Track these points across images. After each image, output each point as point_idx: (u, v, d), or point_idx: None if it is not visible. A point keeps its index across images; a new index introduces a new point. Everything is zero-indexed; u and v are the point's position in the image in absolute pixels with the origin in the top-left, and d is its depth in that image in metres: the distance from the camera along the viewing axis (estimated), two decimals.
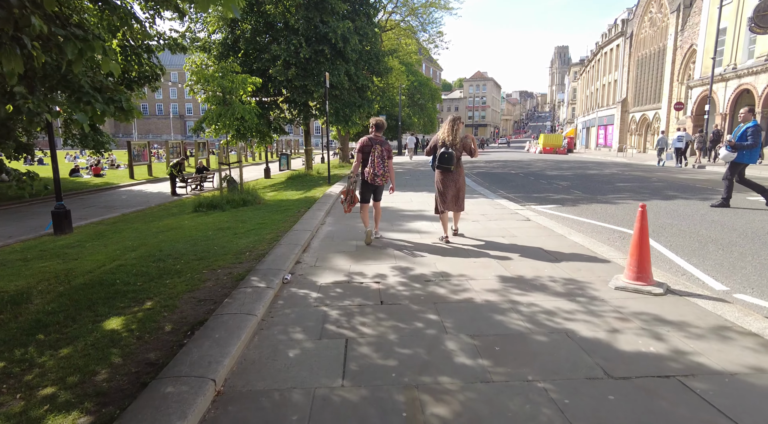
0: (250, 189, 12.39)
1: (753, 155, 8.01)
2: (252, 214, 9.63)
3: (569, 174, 16.49)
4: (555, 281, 4.29)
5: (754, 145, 7.81)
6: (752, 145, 7.80)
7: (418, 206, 9.20)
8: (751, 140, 7.79)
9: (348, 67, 16.20)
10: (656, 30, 35.01)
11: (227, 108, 11.19)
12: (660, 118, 33.59)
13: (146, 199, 16.96)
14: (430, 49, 27.28)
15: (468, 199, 9.91)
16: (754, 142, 7.78)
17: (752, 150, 7.90)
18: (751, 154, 7.98)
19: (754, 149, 7.90)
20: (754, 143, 7.78)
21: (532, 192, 11.73)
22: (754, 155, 8.02)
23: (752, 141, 7.79)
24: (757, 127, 7.86)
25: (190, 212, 11.03)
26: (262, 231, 7.37)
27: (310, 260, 5.23)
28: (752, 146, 7.82)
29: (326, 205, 9.14)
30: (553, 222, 7.25)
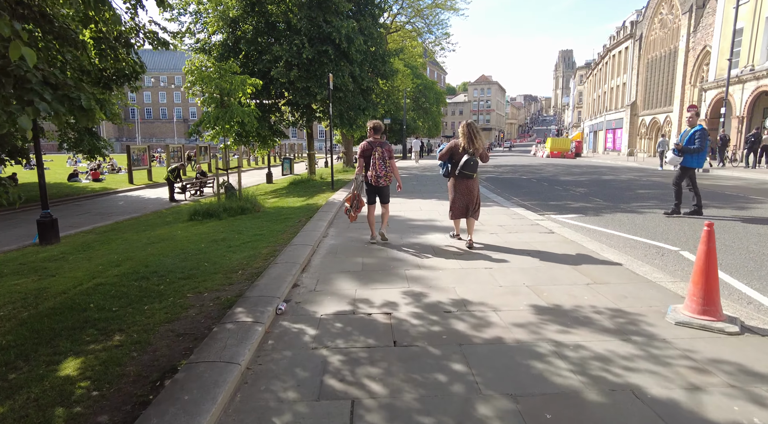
0: (249, 196, 11.78)
1: (700, 160, 7.97)
2: (250, 223, 9.00)
3: (584, 180, 15.76)
4: (600, 313, 3.60)
5: (701, 149, 7.75)
6: (699, 149, 7.73)
7: (428, 215, 8.52)
8: (698, 144, 7.70)
9: (352, 69, 15.59)
10: (667, 32, 34.27)
11: (225, 111, 10.58)
12: (671, 121, 32.79)
13: (143, 205, 16.37)
14: (436, 52, 26.69)
15: (483, 208, 9.23)
16: (701, 146, 7.72)
17: (699, 154, 7.86)
18: (698, 159, 7.92)
19: (700, 154, 7.86)
20: (701, 147, 7.72)
21: (549, 199, 11.02)
22: (701, 160, 7.99)
23: (699, 145, 7.71)
24: (704, 131, 7.81)
25: (185, 221, 10.44)
26: (258, 244, 6.73)
27: (309, 282, 4.56)
28: (698, 150, 7.75)
29: (329, 214, 8.48)
30: (579, 235, 6.55)
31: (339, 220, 8.31)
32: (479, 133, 5.73)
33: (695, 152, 7.78)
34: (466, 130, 5.68)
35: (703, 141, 7.73)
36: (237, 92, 10.77)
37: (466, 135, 5.66)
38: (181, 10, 16.58)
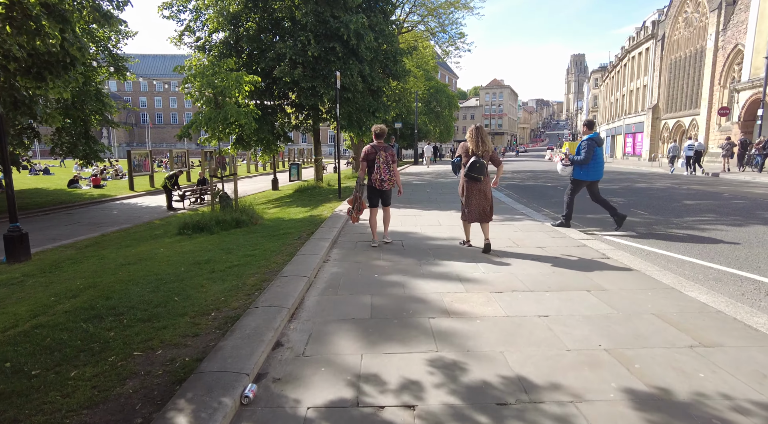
0: (247, 206, 10.62)
1: (590, 172, 7.30)
2: (243, 240, 7.84)
3: (616, 188, 14.34)
4: (739, 409, 2.30)
5: (585, 161, 7.13)
6: (583, 160, 7.13)
7: (449, 232, 7.24)
8: (584, 155, 7.11)
9: (362, 68, 14.41)
10: (692, 31, 32.64)
11: (218, 112, 9.43)
12: (698, 124, 31.11)
13: (138, 214, 15.34)
14: (450, 52, 25.43)
15: (512, 222, 7.96)
16: (586, 157, 7.09)
17: (588, 166, 7.23)
18: (587, 171, 7.29)
19: (591, 166, 7.22)
20: (585, 159, 7.10)
21: (585, 211, 9.67)
22: (591, 172, 7.31)
23: (584, 156, 7.10)
24: (591, 141, 7.12)
25: (173, 235, 9.31)
26: (245, 270, 5.54)
27: (298, 338, 3.31)
28: (583, 162, 7.15)
29: (333, 230, 7.24)
30: (642, 262, 5.23)
31: (344, 237, 7.07)
32: (486, 137, 5.83)
33: (580, 164, 7.21)
34: (474, 134, 5.82)
35: (589, 152, 7.09)
36: (232, 90, 9.61)
37: (474, 138, 5.78)
38: (181, 7, 15.58)
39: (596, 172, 7.34)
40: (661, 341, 3.13)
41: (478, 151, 5.74)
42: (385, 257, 5.71)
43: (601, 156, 7.34)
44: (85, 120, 17.46)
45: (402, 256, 5.74)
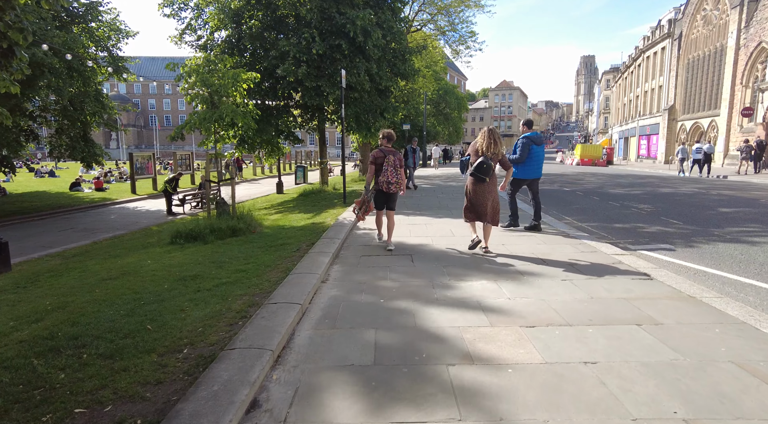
0: (245, 213, 9.97)
1: (527, 170, 7.32)
2: (237, 250, 7.20)
3: (639, 193, 13.47)
4: None
5: (521, 159, 7.17)
6: (518, 159, 7.17)
7: (463, 244, 6.49)
8: (519, 153, 7.18)
9: (369, 66, 13.72)
10: (712, 29, 31.56)
11: (213, 112, 8.80)
12: (717, 125, 30.00)
13: (136, 219, 14.77)
14: (460, 51, 24.67)
15: (540, 235, 7.16)
16: (521, 155, 7.15)
17: (525, 165, 7.26)
18: (524, 169, 7.31)
19: (528, 164, 7.25)
20: (521, 157, 7.15)
21: (611, 220, 8.89)
22: (528, 170, 7.33)
23: (519, 154, 7.17)
24: (527, 140, 7.18)
25: (165, 245, 8.70)
26: (234, 290, 4.88)
27: (279, 397, 2.59)
28: (518, 160, 7.18)
29: (335, 242, 6.53)
30: (693, 285, 4.45)
31: (347, 250, 6.36)
32: (499, 139, 5.81)
33: (516, 162, 7.17)
34: (487, 135, 5.81)
35: (524, 150, 7.11)
36: (228, 88, 8.97)
37: (486, 139, 5.77)
38: (182, 4, 15.03)
39: (534, 171, 7.29)
40: (758, 407, 2.37)
41: (488, 153, 5.73)
42: (393, 276, 4.99)
43: (538, 155, 7.27)
44: (84, 122, 16.96)
45: (411, 274, 5.02)
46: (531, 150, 7.20)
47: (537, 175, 7.43)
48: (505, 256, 5.77)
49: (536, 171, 7.37)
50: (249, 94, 14.42)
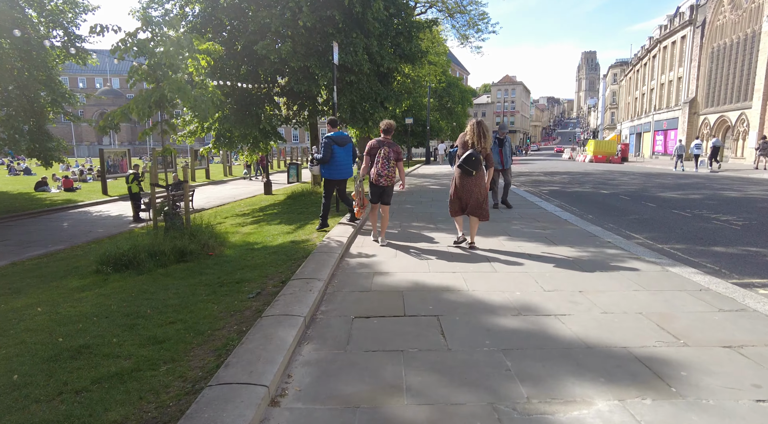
0: (204, 226, 7.60)
1: (331, 171, 7.12)
2: (175, 290, 4.96)
3: (701, 198, 11.05)
4: None
5: (323, 160, 6.96)
6: (321, 159, 6.98)
7: (517, 287, 4.09)
8: (323, 152, 6.95)
9: (368, 43, 11.28)
10: (740, 14, 29.03)
11: (153, 90, 6.39)
12: (747, 119, 27.53)
13: (91, 227, 12.37)
14: (469, 36, 22.16)
15: (618, 269, 4.63)
16: (324, 156, 6.93)
17: (330, 165, 7.04)
18: (329, 170, 7.11)
19: (332, 165, 7.04)
20: (323, 157, 6.93)
21: (701, 240, 6.50)
22: (333, 171, 7.13)
23: (322, 154, 6.96)
24: (328, 140, 6.92)
25: (88, 273, 6.40)
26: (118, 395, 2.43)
27: None
28: (321, 161, 7.00)
29: (315, 287, 4.10)
30: None
31: (332, 301, 3.94)
32: (487, 133, 5.69)
33: (320, 162, 7.07)
34: (476, 129, 5.65)
35: (326, 150, 6.95)
36: (175, 58, 6.54)
37: (475, 133, 5.62)
38: None
39: (337, 172, 7.12)
40: None
41: (477, 146, 5.61)
42: (412, 379, 2.59)
43: (341, 157, 7.06)
44: (37, 112, 14.51)
45: (448, 374, 2.63)
46: (333, 150, 6.97)
47: (339, 177, 7.22)
48: (607, 329, 3.37)
49: (339, 172, 7.17)
50: (224, 77, 11.98)
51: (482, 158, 5.61)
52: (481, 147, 5.59)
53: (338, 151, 7.03)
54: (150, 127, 7.26)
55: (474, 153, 5.54)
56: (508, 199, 9.36)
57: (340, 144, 7.04)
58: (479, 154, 5.56)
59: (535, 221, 7.81)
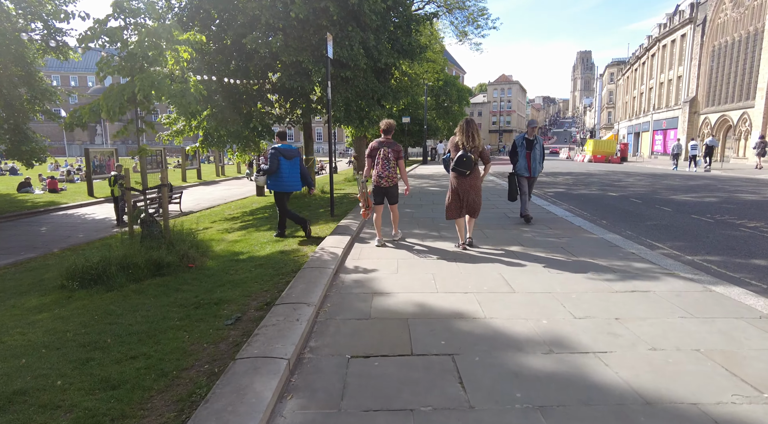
0: (186, 233, 6.96)
1: (277, 183, 7.01)
2: (144, 313, 4.41)
3: (717, 201, 10.46)
4: None
5: (270, 171, 6.91)
6: (267, 170, 6.96)
7: (542, 313, 3.47)
8: (269, 163, 6.91)
9: (365, 37, 10.62)
10: (743, 11, 28.59)
11: (126, 85, 5.72)
12: (749, 118, 27.10)
13: (71, 232, 11.66)
14: (468, 32, 21.53)
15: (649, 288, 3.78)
16: (270, 167, 6.90)
17: (276, 177, 6.98)
18: (274, 181, 7.02)
19: (278, 176, 6.96)
20: (270, 168, 6.90)
21: (732, 250, 5.90)
22: (278, 183, 7.02)
23: (268, 165, 6.94)
24: (275, 151, 6.92)
25: (53, 289, 5.77)
26: None
27: None
28: (267, 172, 6.98)
29: (303, 315, 3.45)
30: None
31: (324, 334, 3.28)
32: (477, 132, 5.69)
33: (266, 173, 7.02)
34: (465, 127, 5.66)
35: (272, 162, 6.89)
36: (151, 50, 5.87)
37: (464, 132, 5.64)
38: None
39: (282, 184, 7.05)
40: None
41: (467, 146, 5.60)
42: None
43: (288, 170, 7.01)
44: (18, 110, 13.75)
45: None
46: (280, 162, 6.91)
47: (285, 189, 7.12)
48: (663, 375, 2.74)
49: (288, 185, 7.09)
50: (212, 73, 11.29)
51: (474, 157, 5.62)
52: (470, 146, 5.59)
53: (285, 163, 6.97)
54: (125, 125, 6.57)
55: (464, 154, 5.54)
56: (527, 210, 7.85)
57: (287, 156, 6.99)
58: (470, 153, 5.57)
59: (547, 227, 7.20)
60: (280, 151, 6.99)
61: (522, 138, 7.53)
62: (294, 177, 7.16)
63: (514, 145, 7.58)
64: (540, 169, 7.59)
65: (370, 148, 6.01)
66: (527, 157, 7.45)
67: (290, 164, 7.05)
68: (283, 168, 6.98)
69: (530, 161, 7.43)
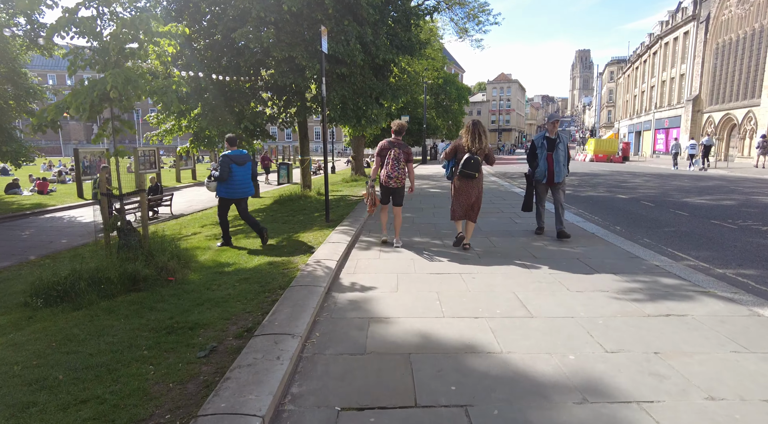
0: (169, 240, 6.45)
1: (229, 189, 6.86)
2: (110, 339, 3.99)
3: (734, 204, 9.94)
4: None
5: (221, 178, 6.74)
6: (219, 177, 6.77)
7: (565, 345, 2.93)
8: (220, 171, 6.72)
9: (362, 31, 10.08)
10: (748, 8, 28.08)
11: (95, 82, 5.18)
12: (755, 117, 26.60)
13: (54, 236, 11.12)
14: (469, 29, 21.00)
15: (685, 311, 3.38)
16: (221, 174, 6.71)
17: (228, 184, 6.80)
18: (227, 188, 6.85)
19: (230, 183, 6.80)
20: (221, 175, 6.72)
21: (762, 260, 5.38)
22: (230, 190, 6.86)
23: (219, 172, 6.75)
24: (225, 158, 6.72)
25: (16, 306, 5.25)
26: None
27: None
28: (219, 179, 6.79)
29: (297, 328, 2.92)
30: None
31: (310, 376, 2.73)
32: (485, 133, 5.61)
33: (218, 180, 6.83)
34: (471, 129, 5.59)
35: (222, 169, 6.67)
36: (125, 42, 5.33)
37: (470, 133, 5.57)
38: None
39: (235, 191, 6.90)
40: None
41: (473, 148, 5.54)
42: None
43: (240, 176, 6.87)
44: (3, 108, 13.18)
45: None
46: (231, 169, 6.75)
47: (238, 196, 6.99)
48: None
49: (241, 191, 6.96)
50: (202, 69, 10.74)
51: (481, 159, 5.58)
52: (476, 148, 5.53)
53: (236, 169, 6.85)
54: (101, 126, 6.04)
55: (471, 156, 5.50)
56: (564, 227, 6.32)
57: (239, 163, 6.87)
58: (477, 155, 5.52)
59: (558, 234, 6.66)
60: (231, 157, 6.85)
61: (542, 137, 6.40)
62: (246, 182, 7.07)
63: (532, 146, 6.44)
64: (565, 174, 6.32)
65: (380, 147, 5.99)
66: (548, 160, 6.28)
67: (242, 170, 6.94)
68: (236, 174, 6.86)
69: (552, 164, 6.26)
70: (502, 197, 11.21)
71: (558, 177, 6.27)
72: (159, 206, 14.04)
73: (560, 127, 6.96)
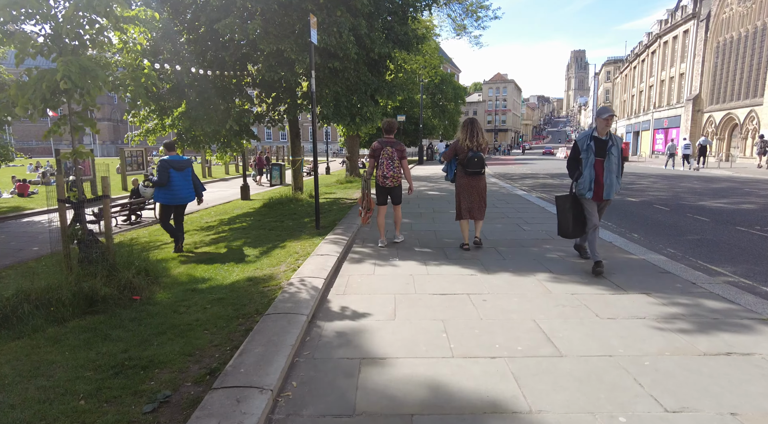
0: (137, 252, 5.75)
1: (167, 195, 6.73)
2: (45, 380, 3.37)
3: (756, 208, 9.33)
4: None
5: (160, 183, 6.66)
6: (157, 182, 6.72)
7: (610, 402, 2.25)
8: (158, 176, 6.65)
9: (356, 23, 9.39)
10: (749, 6, 27.61)
11: (44, 72, 4.49)
12: (757, 116, 26.13)
13: (25, 243, 10.35)
14: (467, 26, 20.36)
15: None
16: (159, 179, 6.65)
17: (167, 190, 6.69)
18: (165, 194, 6.73)
19: (169, 189, 6.68)
20: (159, 180, 6.66)
21: None
22: (168, 195, 6.74)
23: (157, 177, 6.70)
24: (163, 163, 6.64)
25: None
26: None
27: None
28: (158, 183, 6.72)
29: (268, 378, 2.23)
30: None
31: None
32: (481, 130, 5.61)
33: (157, 185, 6.77)
34: (468, 127, 5.59)
35: (161, 174, 6.57)
36: (80, 28, 4.63)
37: (468, 131, 5.56)
38: None
39: (173, 197, 6.74)
40: None
41: (472, 145, 5.52)
42: None
43: (179, 182, 6.73)
44: None
45: None
46: (170, 175, 6.66)
47: (176, 202, 6.88)
48: None
49: (179, 197, 6.85)
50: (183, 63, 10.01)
51: (484, 155, 5.61)
52: (475, 145, 5.53)
53: (175, 175, 6.75)
54: (56, 122, 5.35)
55: (475, 154, 5.51)
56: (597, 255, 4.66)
57: (178, 168, 6.77)
58: (480, 152, 5.54)
59: (572, 243, 6.01)
60: (169, 162, 6.75)
61: (588, 137, 4.62)
62: (186, 188, 6.95)
63: (575, 150, 4.74)
64: (617, 187, 4.66)
65: (372, 148, 5.91)
66: (597, 169, 4.56)
67: (181, 176, 6.82)
68: (174, 180, 6.75)
69: (602, 175, 4.55)
70: (506, 201, 10.55)
71: (609, 193, 4.60)
72: (142, 210, 13.29)
73: (555, 128, 6.28)
